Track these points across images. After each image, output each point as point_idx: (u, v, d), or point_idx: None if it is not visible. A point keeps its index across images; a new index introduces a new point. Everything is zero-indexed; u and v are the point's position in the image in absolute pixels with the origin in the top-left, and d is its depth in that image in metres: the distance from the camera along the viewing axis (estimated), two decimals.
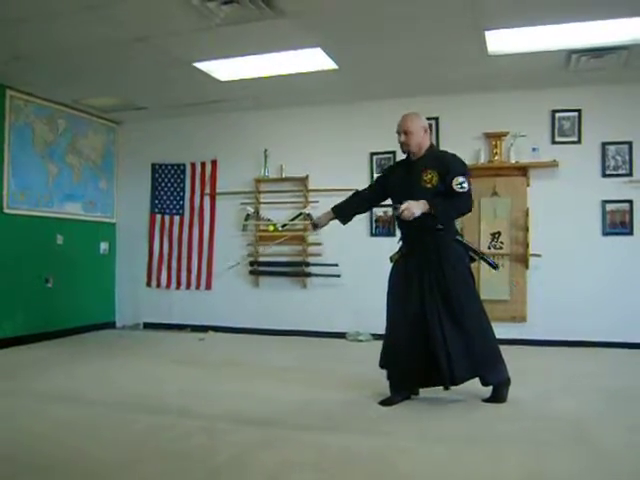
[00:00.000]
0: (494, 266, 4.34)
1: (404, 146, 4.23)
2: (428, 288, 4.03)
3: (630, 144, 6.54)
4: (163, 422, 3.72)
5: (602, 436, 3.42)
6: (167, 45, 5.48)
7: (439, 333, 3.95)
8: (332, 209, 4.50)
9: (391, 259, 4.35)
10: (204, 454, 3.15)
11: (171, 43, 5.44)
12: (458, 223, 4.52)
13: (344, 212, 4.51)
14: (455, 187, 3.94)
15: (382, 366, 4.27)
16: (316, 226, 4.65)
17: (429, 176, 4.04)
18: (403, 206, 3.91)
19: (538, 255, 6.57)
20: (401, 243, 4.34)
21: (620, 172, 6.54)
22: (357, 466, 2.99)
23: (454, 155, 4.22)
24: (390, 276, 4.32)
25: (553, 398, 4.33)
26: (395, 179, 4.32)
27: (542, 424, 3.67)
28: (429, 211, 3.92)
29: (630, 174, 6.51)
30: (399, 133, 4.24)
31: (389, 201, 4.48)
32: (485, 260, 4.29)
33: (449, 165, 4.07)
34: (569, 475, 2.83)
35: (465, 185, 3.94)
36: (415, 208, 3.90)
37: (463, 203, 4.02)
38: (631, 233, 6.50)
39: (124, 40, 5.34)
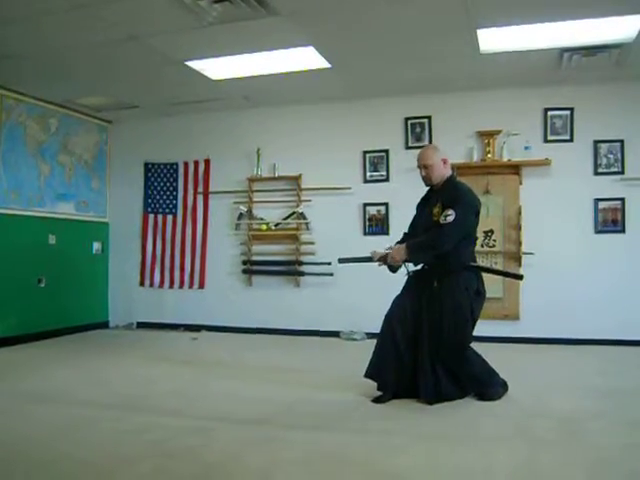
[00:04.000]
0: (518, 277, 4.55)
1: (426, 180, 4.32)
2: (426, 307, 4.14)
3: (622, 142, 6.56)
4: (154, 422, 3.71)
5: (594, 434, 3.43)
6: (159, 44, 5.47)
7: (426, 350, 4.09)
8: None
9: (407, 274, 4.42)
10: (195, 454, 3.14)
11: (163, 42, 5.43)
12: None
13: None
14: (441, 219, 4.03)
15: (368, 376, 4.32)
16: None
17: (436, 209, 4.13)
18: (388, 257, 4.15)
19: (531, 253, 6.58)
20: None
21: (612, 170, 6.56)
22: (349, 465, 2.98)
23: (459, 186, 4.29)
24: (402, 289, 4.43)
25: (546, 396, 4.34)
26: (420, 211, 4.47)
27: (535, 421, 3.69)
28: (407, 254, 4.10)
29: (622, 172, 6.53)
30: (420, 167, 4.33)
31: None
32: (506, 274, 4.45)
33: (450, 197, 4.12)
34: (561, 473, 2.84)
35: (449, 218, 3.97)
36: (395, 254, 4.13)
37: (436, 238, 4.04)
38: (623, 231, 6.52)
39: (116, 39, 5.32)
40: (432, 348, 4.08)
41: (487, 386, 4.21)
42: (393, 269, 4.37)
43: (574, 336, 6.46)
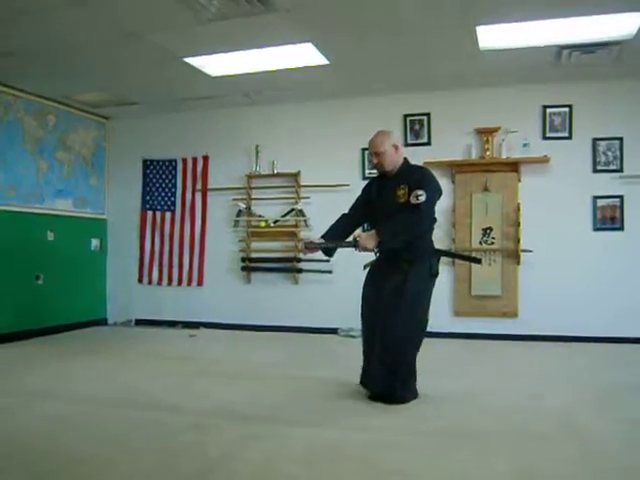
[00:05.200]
0: (477, 260, 4.45)
1: (378, 167, 4.26)
2: (392, 284, 4.09)
3: (621, 140, 6.56)
4: (153, 418, 3.71)
5: (593, 430, 3.44)
6: (158, 40, 5.45)
7: (378, 339, 4.09)
8: (322, 236, 4.36)
9: (365, 267, 4.46)
10: (193, 450, 3.14)
11: (162, 38, 5.41)
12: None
13: (330, 236, 4.37)
14: (412, 199, 3.94)
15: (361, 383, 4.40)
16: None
17: (401, 192, 4.06)
18: (360, 242, 4.00)
19: (529, 251, 6.58)
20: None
21: (611, 168, 6.57)
22: (346, 461, 2.99)
23: (423, 169, 4.30)
24: (365, 281, 4.45)
25: (544, 393, 4.34)
26: (373, 196, 4.35)
27: (532, 418, 3.69)
28: (379, 239, 3.99)
29: (621, 170, 6.54)
30: (371, 154, 4.27)
31: None
32: (466, 258, 4.48)
33: (416, 179, 4.06)
34: (558, 469, 2.84)
35: (422, 198, 3.90)
36: (367, 242, 3.99)
37: (413, 218, 3.99)
38: (622, 229, 6.53)
39: (115, 35, 5.31)
40: (384, 334, 4.04)
41: (412, 384, 4.17)
42: (330, 253, 4.38)
43: (573, 333, 6.47)
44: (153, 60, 5.97)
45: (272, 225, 7.56)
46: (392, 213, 4.02)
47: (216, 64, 6.16)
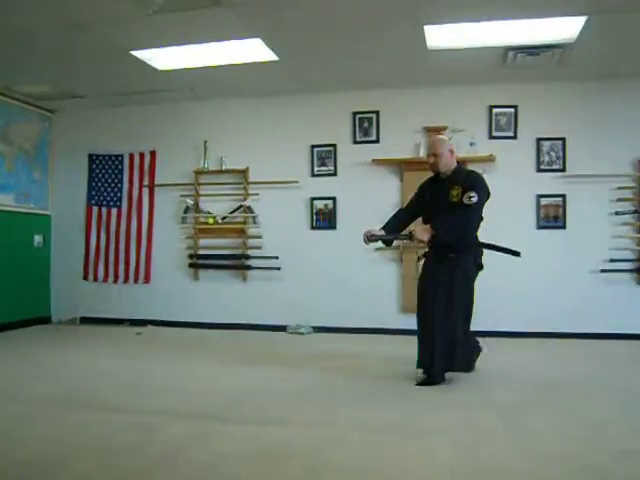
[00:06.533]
0: (516, 253, 4.81)
1: (433, 167, 4.70)
2: (443, 274, 4.53)
3: (564, 140, 6.73)
4: (96, 418, 3.64)
5: (536, 425, 3.50)
6: (104, 32, 5.33)
7: (437, 320, 4.50)
8: (382, 227, 4.82)
9: (418, 258, 4.96)
10: (138, 450, 3.09)
11: (108, 30, 5.30)
12: None
13: (389, 228, 4.83)
14: (465, 200, 4.41)
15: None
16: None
17: (455, 192, 4.50)
18: (415, 235, 4.50)
19: None
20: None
21: (554, 167, 6.73)
22: (293, 458, 2.97)
23: (476, 173, 4.74)
24: (421, 272, 4.84)
25: (489, 387, 4.41)
26: (427, 195, 4.80)
27: (477, 413, 3.74)
28: (434, 233, 4.45)
29: (563, 169, 6.71)
30: (429, 155, 4.73)
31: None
32: (506, 251, 4.76)
33: (470, 182, 4.52)
34: (502, 464, 2.88)
35: (474, 199, 4.38)
36: (422, 235, 4.48)
37: (465, 216, 4.49)
38: (564, 227, 6.70)
39: (59, 26, 5.17)
40: (442, 316, 4.48)
41: (472, 359, 4.81)
42: (389, 243, 5.00)
43: (517, 329, 6.60)
44: (100, 52, 5.84)
45: (220, 222, 7.50)
46: (444, 210, 4.50)
47: (164, 58, 6.07)
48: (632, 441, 3.17)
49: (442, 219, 4.49)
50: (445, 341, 4.46)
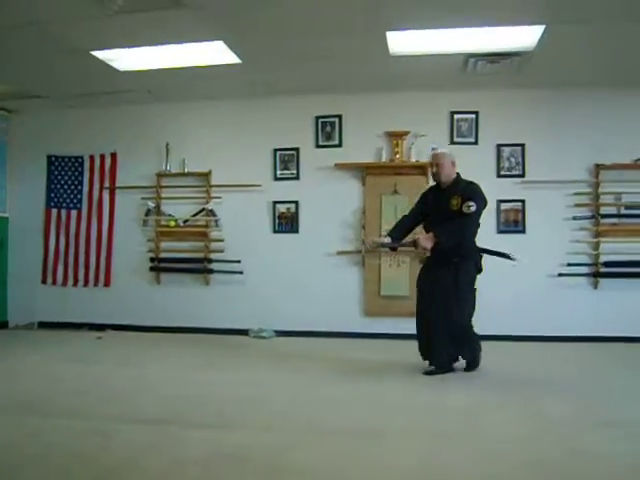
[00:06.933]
0: (511, 258, 5.17)
1: (435, 176, 5.12)
2: (446, 276, 4.90)
3: (523, 146, 6.85)
4: (52, 424, 3.57)
5: (495, 426, 3.56)
6: (61, 31, 5.24)
7: (438, 316, 4.93)
8: (388, 234, 5.23)
9: (420, 262, 5.40)
10: (94, 456, 3.05)
11: (65, 29, 5.20)
12: None
13: (395, 234, 5.20)
14: (464, 209, 4.80)
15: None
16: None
17: (455, 201, 4.88)
18: (419, 242, 4.92)
19: None
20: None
21: (514, 173, 6.84)
22: (249, 463, 2.96)
23: (474, 184, 5.07)
24: (419, 272, 5.28)
25: (448, 389, 4.48)
26: (429, 203, 5.19)
27: (437, 415, 3.79)
28: (436, 240, 4.84)
29: (523, 175, 6.83)
30: (431, 165, 5.18)
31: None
32: (503, 255, 5.15)
33: (469, 192, 4.92)
34: (462, 465, 2.91)
35: (472, 208, 4.78)
36: (425, 242, 4.89)
37: (465, 224, 4.89)
38: (524, 231, 6.82)
39: (15, 23, 5.05)
40: (447, 319, 4.88)
41: (478, 353, 5.12)
42: (394, 249, 5.41)
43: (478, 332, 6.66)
44: (57, 52, 5.72)
45: (182, 225, 7.44)
46: (445, 218, 4.88)
47: (125, 59, 6.00)
48: (582, 440, 3.23)
49: (443, 227, 4.86)
50: (452, 334, 4.91)
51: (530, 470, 2.84)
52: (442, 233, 4.86)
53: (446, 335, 4.92)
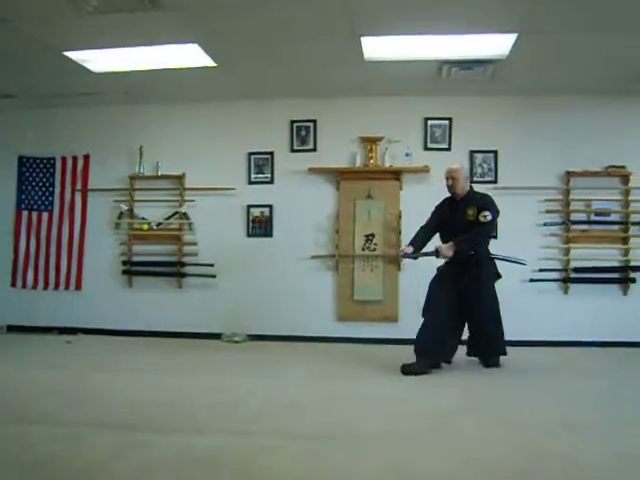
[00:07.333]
0: (522, 263, 5.85)
1: (451, 189, 5.47)
2: (471, 286, 5.28)
3: (495, 153, 6.94)
4: (19, 429, 3.51)
5: (462, 429, 3.58)
6: (34, 30, 5.17)
7: (474, 318, 5.41)
8: (410, 243, 5.53)
9: (438, 269, 5.54)
10: (63, 462, 3.00)
11: (38, 28, 5.13)
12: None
13: (416, 244, 5.51)
14: (481, 218, 5.20)
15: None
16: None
17: (471, 211, 5.28)
18: (441, 252, 5.30)
19: None
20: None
21: (486, 179, 6.90)
22: (222, 467, 2.94)
23: (487, 196, 5.50)
24: (434, 277, 5.54)
25: (416, 392, 4.51)
26: (444, 213, 5.55)
27: (404, 418, 3.80)
28: (456, 249, 5.22)
29: (495, 181, 6.90)
30: (447, 178, 5.47)
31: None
32: (513, 261, 5.71)
33: (484, 202, 5.33)
34: (429, 469, 2.92)
35: (488, 218, 5.19)
36: (447, 251, 5.26)
37: (482, 233, 5.29)
38: (496, 237, 6.71)
39: None
40: (476, 318, 5.37)
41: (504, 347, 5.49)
42: (415, 259, 5.62)
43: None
44: (30, 51, 5.65)
45: (155, 228, 7.39)
46: (462, 227, 5.25)
47: (99, 60, 5.95)
48: (548, 444, 3.27)
49: (463, 237, 5.21)
50: (482, 335, 5.40)
51: (497, 473, 2.87)
52: (462, 242, 5.22)
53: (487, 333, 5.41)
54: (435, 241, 5.58)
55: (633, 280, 6.74)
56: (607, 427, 3.62)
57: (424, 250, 5.51)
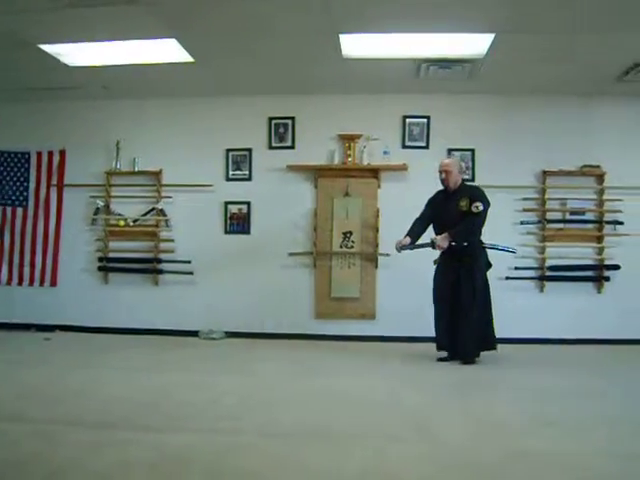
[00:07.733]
0: (512, 251, 6.07)
1: (444, 182, 5.66)
2: (463, 276, 5.49)
3: (473, 151, 6.99)
4: None
5: (443, 428, 3.58)
6: (7, 22, 5.08)
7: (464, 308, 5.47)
8: (407, 234, 5.70)
9: (434, 262, 5.74)
10: (36, 460, 2.95)
11: (12, 21, 5.04)
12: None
13: (412, 235, 5.70)
14: (473, 209, 5.42)
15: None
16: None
17: (463, 203, 5.49)
18: (437, 243, 5.51)
19: (387, 254, 6.77)
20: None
21: (464, 177, 6.84)
22: (196, 465, 2.92)
23: (478, 188, 5.80)
24: (436, 270, 5.76)
25: (397, 391, 4.51)
26: (437, 205, 5.73)
27: (386, 417, 3.81)
28: (452, 240, 5.45)
29: (472, 180, 6.92)
30: (440, 172, 5.65)
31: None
32: (503, 249, 5.90)
33: (475, 194, 5.57)
34: (411, 468, 2.93)
35: (480, 207, 5.40)
36: (442, 242, 5.48)
37: (475, 223, 5.49)
38: None
39: None
40: (468, 311, 5.44)
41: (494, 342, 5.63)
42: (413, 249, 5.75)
43: (426, 334, 6.71)
44: (4, 44, 5.56)
45: (132, 224, 7.33)
46: (455, 218, 5.47)
47: (75, 53, 5.89)
48: (521, 442, 3.28)
49: (457, 228, 5.44)
50: (473, 326, 5.43)
51: (472, 471, 2.88)
52: (456, 233, 5.45)
53: (470, 330, 5.42)
54: (429, 233, 5.75)
55: (607, 279, 6.84)
56: (581, 423, 3.65)
57: (420, 242, 5.68)
